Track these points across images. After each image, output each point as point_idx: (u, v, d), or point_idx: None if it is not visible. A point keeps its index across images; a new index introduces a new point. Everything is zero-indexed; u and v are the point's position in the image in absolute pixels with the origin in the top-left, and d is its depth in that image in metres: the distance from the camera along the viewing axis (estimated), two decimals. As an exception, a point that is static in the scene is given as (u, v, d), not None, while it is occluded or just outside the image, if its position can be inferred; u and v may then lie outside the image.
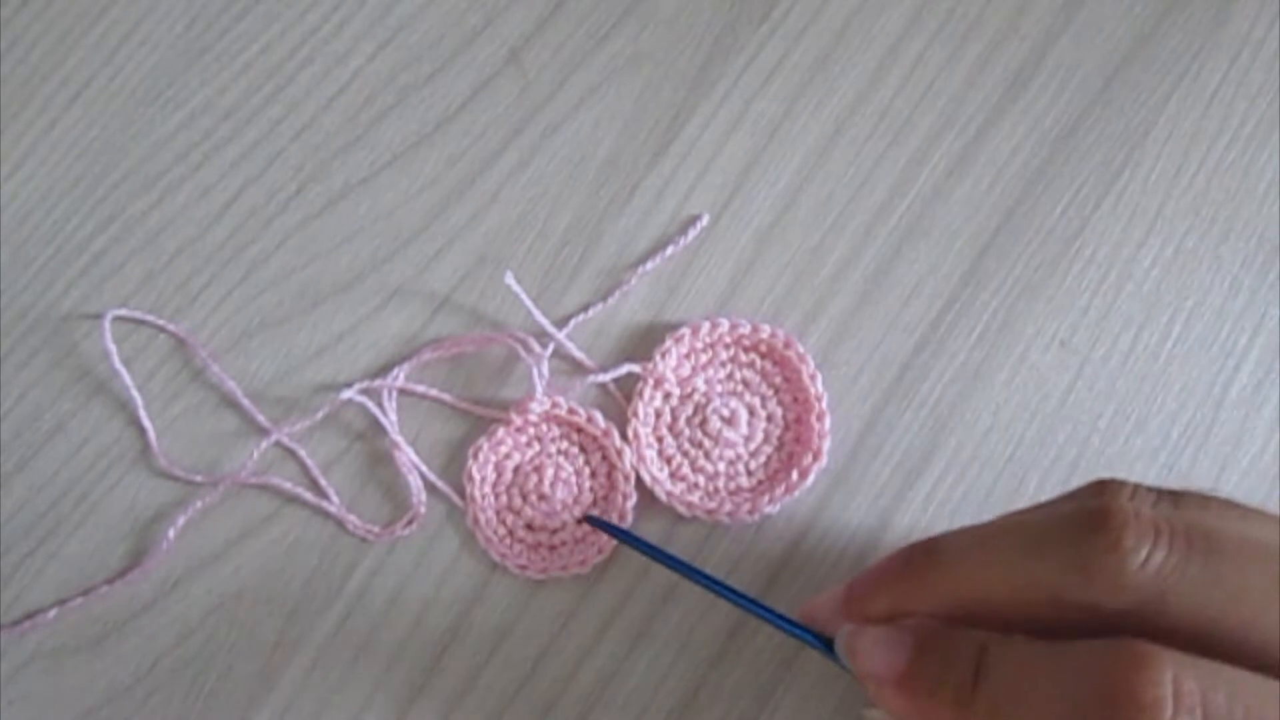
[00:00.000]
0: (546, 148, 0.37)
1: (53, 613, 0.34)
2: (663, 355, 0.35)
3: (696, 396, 0.35)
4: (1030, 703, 0.24)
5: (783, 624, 0.30)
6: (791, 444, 0.35)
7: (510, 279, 0.35)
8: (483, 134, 0.37)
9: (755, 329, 0.35)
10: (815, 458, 0.35)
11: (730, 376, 0.36)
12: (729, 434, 0.35)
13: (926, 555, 0.27)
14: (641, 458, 0.35)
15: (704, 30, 0.38)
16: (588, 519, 0.34)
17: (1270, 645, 0.22)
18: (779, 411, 0.35)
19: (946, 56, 0.38)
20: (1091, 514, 0.24)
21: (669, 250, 0.36)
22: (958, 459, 0.35)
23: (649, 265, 0.36)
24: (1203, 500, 0.26)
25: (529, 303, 0.35)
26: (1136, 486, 0.26)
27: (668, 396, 0.35)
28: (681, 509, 0.34)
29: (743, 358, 0.36)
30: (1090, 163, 0.37)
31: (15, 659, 0.34)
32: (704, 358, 0.36)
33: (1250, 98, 0.37)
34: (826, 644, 0.29)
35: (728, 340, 0.35)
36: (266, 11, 0.38)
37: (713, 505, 0.34)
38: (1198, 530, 0.23)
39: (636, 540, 0.33)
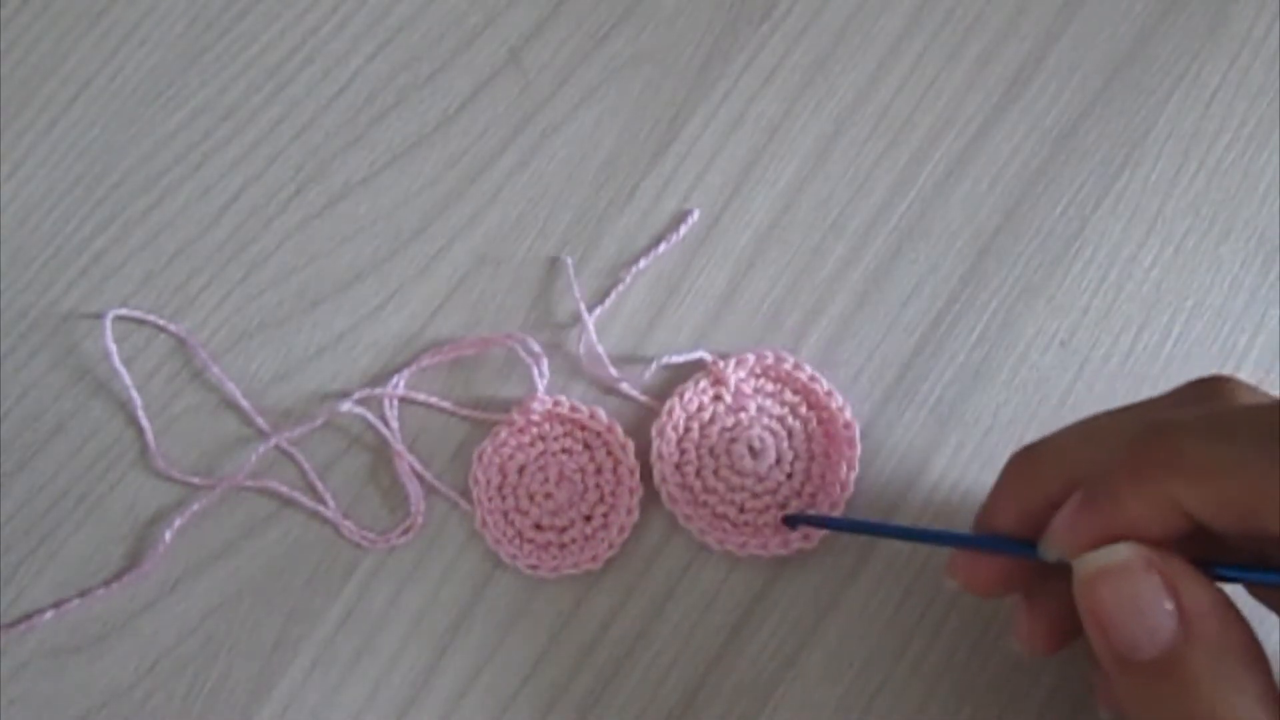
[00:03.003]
0: (546, 148, 0.37)
1: (50, 614, 0.34)
2: (738, 362, 0.35)
3: (742, 415, 0.35)
4: None
5: (1001, 547, 0.29)
6: (801, 509, 0.34)
7: (569, 261, 0.36)
8: (483, 134, 0.37)
9: (814, 379, 0.35)
10: (807, 539, 0.34)
11: (774, 415, 0.35)
12: (749, 463, 0.35)
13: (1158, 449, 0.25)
14: (661, 434, 0.34)
15: (704, 30, 0.38)
16: (787, 519, 0.34)
17: None
18: (801, 468, 0.35)
19: (946, 56, 0.38)
20: None
21: (662, 247, 0.36)
22: (958, 459, 0.35)
23: (642, 263, 0.36)
24: None
25: (576, 287, 0.35)
26: None
27: (717, 398, 0.35)
28: (666, 500, 0.34)
29: (790, 398, 0.35)
30: (1090, 163, 0.37)
31: (15, 659, 0.34)
32: (766, 385, 0.35)
33: (1250, 98, 0.38)
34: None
35: (787, 376, 0.35)
36: (266, 11, 0.38)
37: (690, 512, 0.34)
38: None
39: (844, 522, 0.33)
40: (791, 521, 0.34)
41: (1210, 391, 0.27)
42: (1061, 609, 0.28)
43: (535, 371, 0.35)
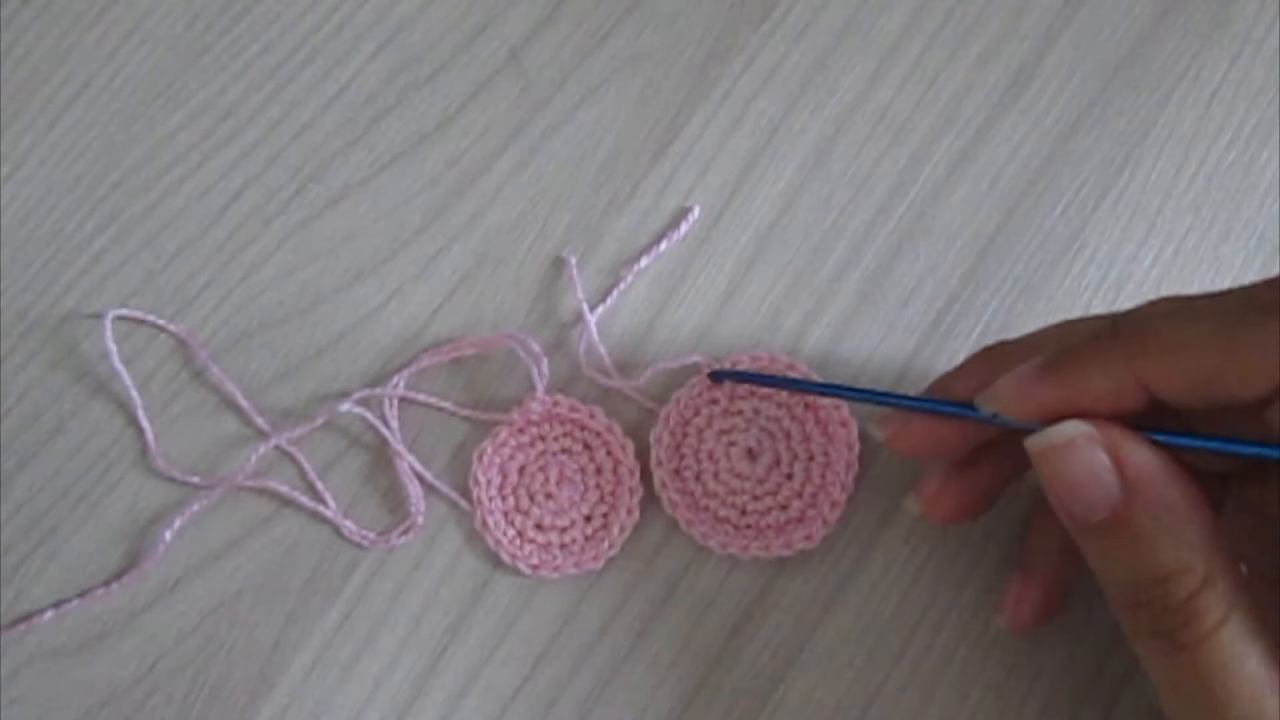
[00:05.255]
0: (546, 148, 0.37)
1: (49, 614, 0.34)
2: (733, 363, 0.35)
3: (738, 419, 0.35)
4: None
5: (935, 407, 0.30)
6: (802, 509, 0.34)
7: (571, 257, 0.36)
8: (483, 134, 0.37)
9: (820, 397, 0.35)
10: (809, 539, 0.34)
11: (776, 419, 0.35)
12: (747, 466, 0.35)
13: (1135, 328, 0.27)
14: (659, 441, 0.34)
15: (704, 30, 0.38)
16: (713, 375, 0.34)
17: None
18: (801, 469, 0.35)
19: (946, 56, 0.38)
20: None
21: (663, 245, 0.36)
22: (958, 459, 0.35)
23: (644, 261, 0.36)
24: None
25: (579, 287, 0.35)
26: None
27: (713, 402, 0.35)
28: (668, 506, 0.34)
29: (785, 398, 0.35)
30: (1090, 163, 0.37)
31: (15, 659, 0.34)
32: (760, 387, 0.35)
33: (1250, 98, 0.38)
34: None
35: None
36: (266, 11, 0.38)
37: (692, 517, 0.34)
38: None
39: (774, 379, 0.34)
40: (716, 377, 0.34)
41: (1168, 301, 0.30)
42: (981, 482, 0.31)
43: (535, 371, 0.35)
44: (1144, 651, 0.26)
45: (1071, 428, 0.27)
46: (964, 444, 0.31)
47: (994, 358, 0.30)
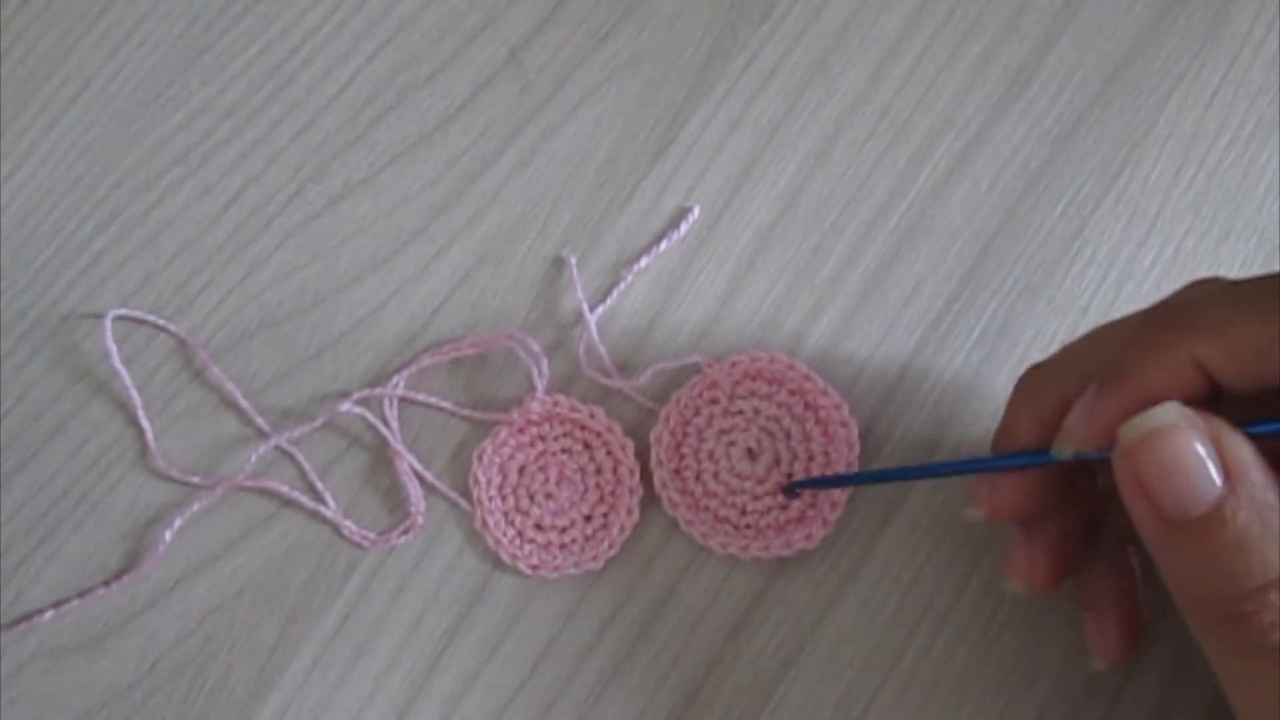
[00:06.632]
0: (546, 148, 0.37)
1: (49, 614, 0.34)
2: (732, 365, 0.35)
3: (738, 418, 0.35)
4: None
5: (1013, 463, 0.29)
6: (802, 509, 0.34)
7: (571, 257, 0.36)
8: (483, 134, 0.37)
9: (808, 379, 0.34)
10: (809, 539, 0.34)
11: (776, 419, 0.35)
12: (747, 465, 0.35)
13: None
14: (659, 440, 0.34)
15: (704, 30, 0.38)
16: (789, 487, 0.34)
17: None
18: (801, 469, 0.34)
19: (946, 56, 0.38)
20: None
21: (663, 245, 0.36)
22: (958, 459, 0.35)
23: (644, 261, 0.36)
24: None
25: (579, 287, 0.35)
26: None
27: (713, 402, 0.35)
28: (668, 505, 0.34)
29: (785, 398, 0.35)
30: (1090, 163, 0.37)
31: (15, 659, 0.34)
32: (761, 387, 0.35)
33: (1250, 98, 0.38)
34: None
35: (781, 377, 0.35)
36: (266, 11, 0.38)
37: (692, 516, 0.34)
38: None
39: (854, 477, 0.33)
40: (790, 491, 0.34)
41: (1206, 284, 0.29)
42: (1063, 534, 0.30)
43: (535, 371, 0.35)
44: (1232, 671, 0.24)
45: (1174, 408, 0.24)
46: (1050, 490, 0.30)
47: (1038, 384, 0.29)
